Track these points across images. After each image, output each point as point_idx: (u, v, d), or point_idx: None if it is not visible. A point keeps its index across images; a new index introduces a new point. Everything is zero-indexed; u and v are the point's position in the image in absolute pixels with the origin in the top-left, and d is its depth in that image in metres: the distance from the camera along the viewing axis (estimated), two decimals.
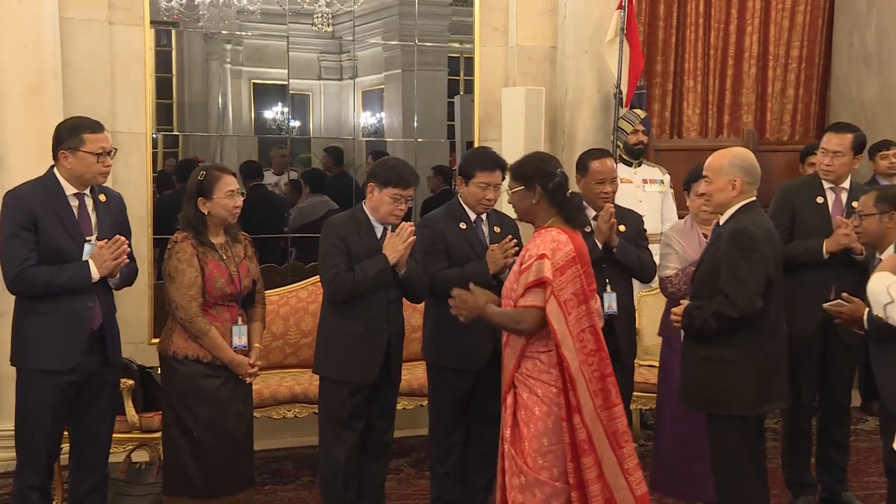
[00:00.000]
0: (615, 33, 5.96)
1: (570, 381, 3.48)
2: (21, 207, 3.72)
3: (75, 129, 3.78)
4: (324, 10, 5.98)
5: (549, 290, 3.45)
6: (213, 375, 3.95)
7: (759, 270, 3.65)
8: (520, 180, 3.64)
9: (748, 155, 3.86)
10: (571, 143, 6.24)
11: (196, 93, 6.06)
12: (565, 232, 3.55)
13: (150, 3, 5.59)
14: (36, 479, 3.86)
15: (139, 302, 5.59)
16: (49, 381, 3.76)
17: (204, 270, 3.91)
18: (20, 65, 4.98)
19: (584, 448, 3.48)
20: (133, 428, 4.65)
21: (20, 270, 3.68)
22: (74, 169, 3.77)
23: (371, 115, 6.48)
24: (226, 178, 3.95)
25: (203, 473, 3.95)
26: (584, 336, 3.51)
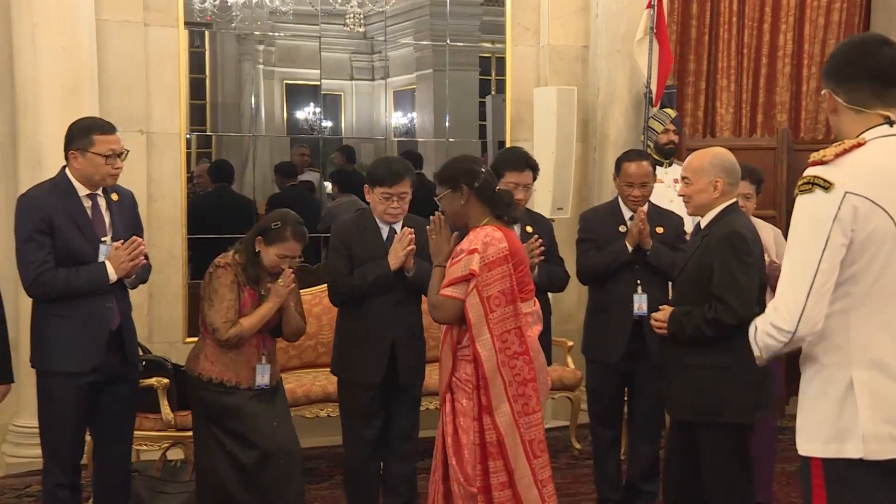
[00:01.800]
0: (644, 32, 5.94)
1: (483, 379, 3.40)
2: (36, 210, 3.71)
3: (86, 130, 3.76)
4: (355, 11, 6.00)
5: (473, 283, 3.38)
6: (237, 394, 3.96)
7: (753, 275, 3.56)
8: (445, 183, 3.57)
9: (728, 155, 3.78)
10: (603, 143, 6.22)
11: (229, 93, 6.10)
12: (501, 230, 3.48)
13: (185, 5, 5.63)
14: (64, 477, 3.87)
15: (174, 301, 5.64)
16: (71, 382, 3.77)
17: (239, 298, 3.94)
18: (57, 66, 5.03)
19: (491, 451, 3.40)
20: (168, 426, 4.70)
21: (38, 275, 3.68)
22: (84, 170, 3.76)
23: (402, 116, 6.50)
24: (291, 244, 3.93)
25: (239, 489, 3.94)
26: (508, 337, 3.42)
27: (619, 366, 4.46)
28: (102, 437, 3.97)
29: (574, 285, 4.77)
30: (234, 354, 3.95)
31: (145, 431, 4.69)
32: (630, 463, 4.65)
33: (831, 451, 2.39)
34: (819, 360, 2.44)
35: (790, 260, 2.43)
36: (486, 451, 3.40)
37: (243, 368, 3.96)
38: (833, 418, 2.39)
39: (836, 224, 2.33)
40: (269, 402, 4.03)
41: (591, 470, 4.81)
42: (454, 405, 3.48)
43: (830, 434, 2.39)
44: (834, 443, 2.38)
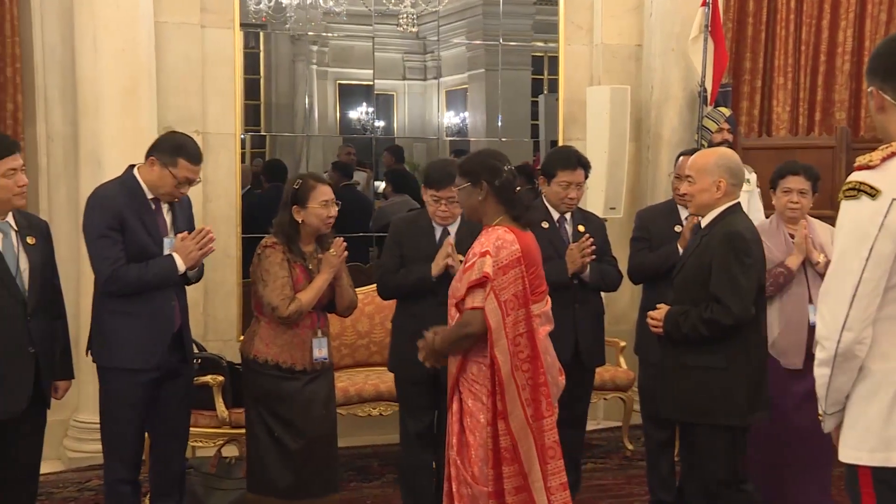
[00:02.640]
0: (699, 30, 5.89)
1: (499, 385, 3.35)
2: (108, 209, 3.76)
3: (177, 149, 3.80)
4: (409, 11, 6.02)
5: (489, 287, 3.33)
6: (293, 379, 3.99)
7: (752, 276, 3.52)
8: (465, 177, 3.51)
9: (733, 156, 3.73)
10: (657, 142, 6.18)
11: (283, 94, 6.16)
12: (513, 231, 3.42)
13: (240, 7, 5.70)
14: (125, 472, 3.94)
15: (228, 300, 5.71)
16: (133, 379, 3.83)
17: (292, 276, 3.96)
18: (117, 68, 5.12)
19: (505, 456, 3.36)
20: (223, 423, 4.77)
21: (113, 271, 3.73)
22: (155, 180, 3.81)
23: (455, 115, 6.51)
24: (321, 187, 3.97)
25: (285, 474, 3.99)
26: (521, 340, 3.37)
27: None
28: (159, 432, 4.03)
29: (627, 285, 4.74)
30: (290, 336, 3.97)
31: (201, 428, 4.75)
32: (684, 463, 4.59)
33: (878, 459, 2.34)
34: (866, 366, 2.39)
35: (833, 268, 2.39)
36: (499, 456, 3.36)
37: (298, 349, 3.98)
38: (879, 426, 2.35)
39: (882, 232, 2.29)
40: (322, 385, 4.04)
41: (643, 471, 4.78)
42: (461, 405, 3.45)
43: (877, 442, 2.35)
44: (881, 451, 2.34)
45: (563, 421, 4.31)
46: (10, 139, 3.72)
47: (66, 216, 5.39)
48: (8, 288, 3.51)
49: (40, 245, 3.67)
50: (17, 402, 3.54)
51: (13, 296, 3.52)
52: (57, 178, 5.47)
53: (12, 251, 3.56)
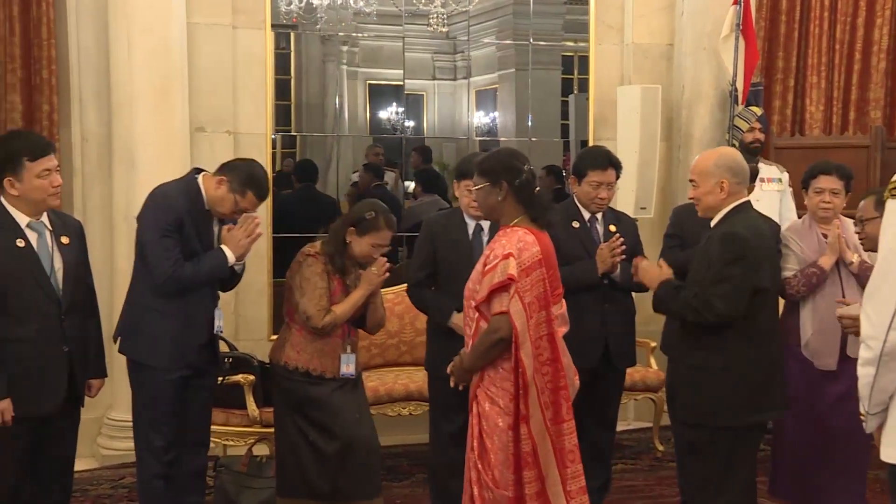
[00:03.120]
0: (730, 29, 5.86)
1: (523, 388, 3.31)
2: (171, 209, 3.80)
3: (249, 183, 3.83)
4: (439, 11, 6.02)
5: (514, 289, 3.28)
6: (321, 384, 4.02)
7: (744, 277, 3.46)
8: (485, 176, 3.47)
9: (734, 154, 3.71)
10: (688, 142, 6.14)
11: (313, 94, 6.20)
12: (532, 232, 3.38)
13: (271, 7, 5.72)
14: (158, 467, 3.97)
15: (259, 300, 5.74)
16: (166, 376, 3.87)
17: (330, 287, 4.00)
18: (150, 69, 5.16)
19: (527, 461, 3.33)
20: (253, 422, 4.79)
21: (174, 271, 3.76)
22: (217, 198, 3.85)
23: (484, 115, 6.51)
24: (384, 232, 4.00)
25: (321, 476, 4.01)
26: (541, 344, 3.35)
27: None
28: (184, 428, 4.05)
29: None
30: (321, 344, 4.01)
31: (232, 427, 4.79)
32: None
33: None
34: None
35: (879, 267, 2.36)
36: (520, 460, 3.33)
37: (328, 358, 4.02)
38: None
39: None
40: (352, 393, 4.09)
41: (674, 472, 4.71)
42: (479, 409, 3.41)
43: None
44: None
45: (593, 422, 4.35)
46: (45, 140, 3.76)
47: (99, 216, 5.45)
48: (42, 287, 3.54)
49: (74, 245, 3.70)
50: (51, 401, 3.58)
51: (48, 295, 3.55)
52: (91, 179, 5.52)
53: (47, 251, 3.59)
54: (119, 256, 5.25)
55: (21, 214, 3.54)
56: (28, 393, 3.51)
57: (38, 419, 3.55)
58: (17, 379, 3.48)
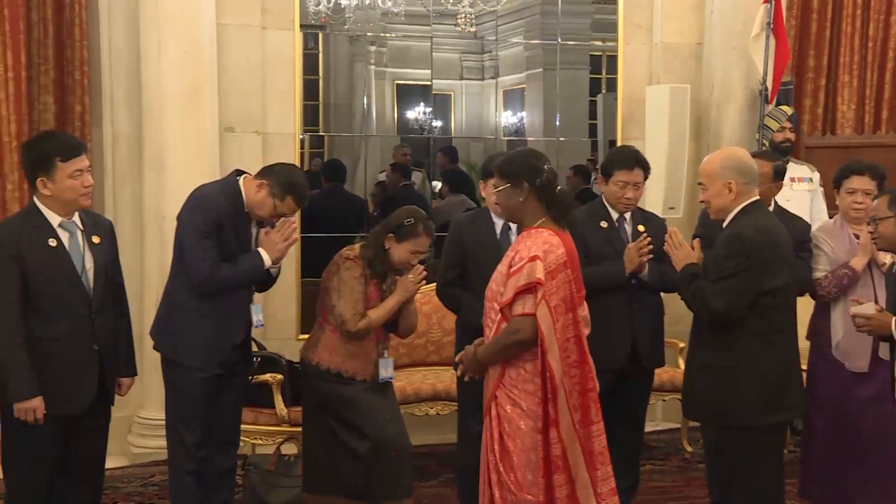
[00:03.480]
0: (761, 28, 5.83)
1: (551, 392, 3.27)
2: (212, 210, 3.83)
3: (290, 188, 3.85)
4: (467, 11, 6.03)
5: (541, 293, 3.25)
6: (349, 384, 4.05)
7: (747, 280, 3.43)
8: (506, 177, 3.44)
9: (740, 154, 3.68)
10: (717, 142, 6.10)
11: (341, 94, 6.22)
12: (557, 234, 3.35)
13: (300, 8, 5.74)
14: (190, 463, 4.00)
15: (287, 299, 5.75)
16: (198, 374, 3.91)
17: (366, 291, 4.03)
18: (180, 70, 5.20)
19: (557, 464, 3.29)
20: (282, 421, 4.81)
21: (211, 271, 3.80)
22: (257, 202, 3.87)
23: (512, 115, 6.51)
24: (422, 239, 4.03)
25: (351, 475, 4.02)
26: (569, 346, 3.31)
27: None
28: (214, 427, 4.08)
29: None
30: (354, 347, 4.03)
31: (260, 426, 4.82)
32: None
33: None
34: None
35: None
36: (550, 464, 3.30)
37: (361, 360, 4.04)
38: None
39: None
40: (381, 394, 4.11)
41: (702, 473, 4.67)
42: (498, 411, 3.37)
43: None
44: None
45: (621, 422, 4.33)
46: (77, 140, 3.78)
47: (129, 216, 5.49)
48: (74, 286, 3.56)
49: (105, 244, 3.72)
50: (82, 399, 3.60)
51: (79, 294, 3.57)
52: (122, 179, 5.56)
53: (78, 250, 3.61)
54: (148, 256, 5.30)
55: (53, 214, 3.56)
56: (59, 391, 3.53)
57: (69, 417, 3.58)
58: (48, 377, 3.51)
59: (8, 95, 5.33)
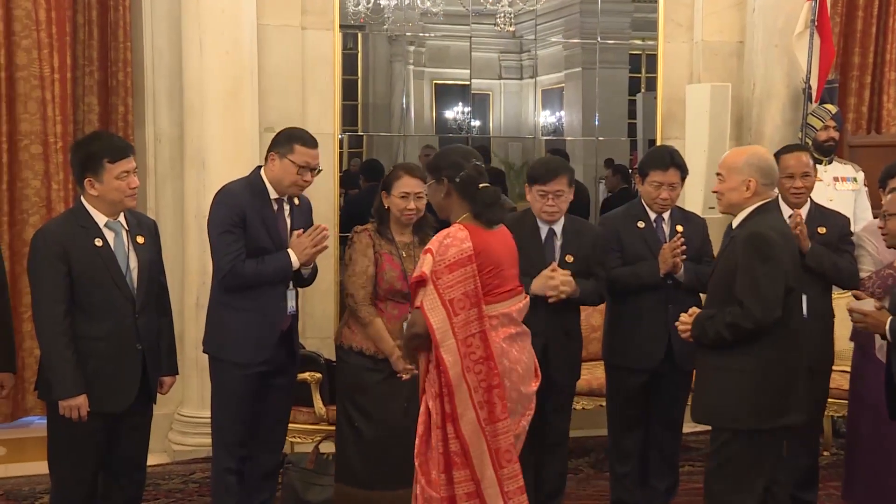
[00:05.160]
0: (805, 25, 5.77)
1: (446, 387, 3.24)
2: (233, 206, 3.89)
3: (290, 137, 3.94)
4: (506, 10, 6.02)
5: (430, 286, 3.22)
6: (376, 370, 4.07)
7: (777, 278, 3.40)
8: (431, 173, 3.49)
9: (766, 155, 3.63)
10: (759, 140, 6.04)
11: (380, 94, 6.23)
12: (470, 228, 3.31)
13: (340, 8, 5.76)
14: (231, 462, 4.05)
15: (325, 298, 5.79)
16: (241, 372, 3.95)
17: (377, 263, 4.04)
18: (221, 70, 5.24)
19: (455, 461, 3.27)
20: (320, 420, 4.85)
21: (233, 266, 3.85)
22: (276, 173, 3.93)
23: (550, 114, 6.48)
24: (405, 178, 4.05)
25: (364, 464, 4.07)
26: (473, 341, 3.26)
27: None
28: (259, 426, 4.12)
29: None
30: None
31: (299, 424, 4.84)
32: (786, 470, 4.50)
33: None
34: None
35: None
36: (450, 460, 3.28)
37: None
38: None
39: None
40: (403, 382, 4.08)
41: None
42: (426, 405, 3.36)
43: None
44: None
45: (658, 423, 4.31)
46: (126, 142, 3.82)
47: (171, 215, 5.55)
48: (118, 286, 3.60)
49: (149, 244, 3.76)
50: (124, 397, 3.64)
51: (123, 294, 3.61)
52: (164, 179, 5.62)
53: (123, 250, 3.65)
54: (189, 256, 5.36)
55: (99, 214, 3.60)
56: (102, 389, 3.56)
57: (111, 415, 3.62)
58: (92, 375, 3.54)
59: (54, 96, 5.43)
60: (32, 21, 5.39)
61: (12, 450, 5.44)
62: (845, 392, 4.74)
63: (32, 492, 4.83)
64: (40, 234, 3.64)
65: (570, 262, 4.13)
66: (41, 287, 3.56)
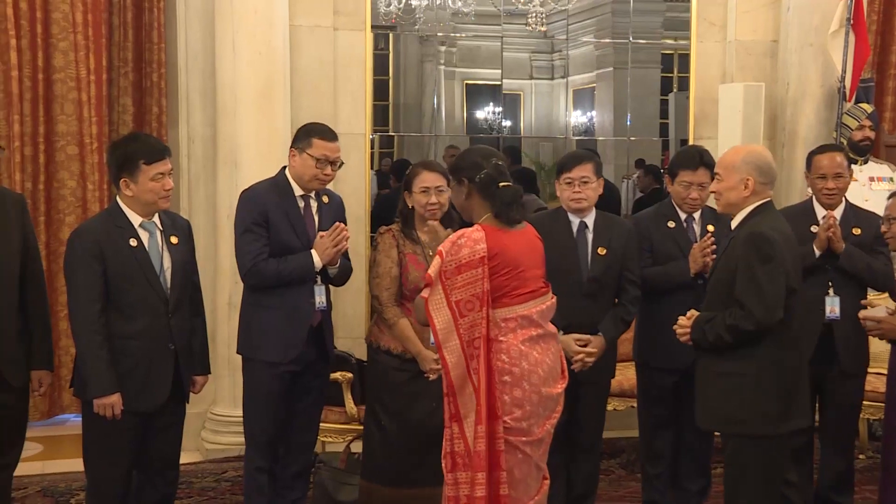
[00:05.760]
0: (840, 24, 5.72)
1: (448, 387, 3.25)
2: (255, 205, 3.94)
3: (308, 132, 3.97)
4: (538, 10, 6.02)
5: (439, 287, 3.22)
6: (403, 369, 4.08)
7: (778, 279, 3.36)
8: (452, 175, 3.49)
9: (764, 153, 3.59)
10: (792, 140, 6.01)
11: (411, 94, 6.25)
12: (488, 229, 3.29)
13: (371, 9, 5.79)
14: (263, 461, 4.08)
15: (357, 298, 5.81)
16: (272, 371, 3.98)
17: (402, 263, 4.05)
18: (254, 71, 5.28)
19: (456, 461, 3.27)
20: (351, 419, 4.88)
21: (253, 264, 3.90)
22: (297, 168, 3.97)
23: (582, 114, 6.47)
24: (424, 174, 4.05)
25: (389, 462, 4.08)
26: (479, 344, 3.25)
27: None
28: (292, 424, 4.15)
29: None
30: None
31: (330, 424, 4.88)
32: (822, 472, 4.50)
33: None
34: None
35: None
36: (454, 461, 3.28)
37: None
38: None
39: None
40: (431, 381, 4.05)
41: None
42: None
43: None
44: None
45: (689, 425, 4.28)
46: (162, 144, 3.85)
47: (204, 215, 5.60)
48: (152, 286, 3.63)
49: (182, 244, 3.79)
50: (158, 396, 3.67)
51: (156, 293, 3.64)
52: (197, 179, 5.67)
53: (157, 250, 3.68)
54: (222, 255, 5.39)
55: (134, 214, 3.64)
56: (136, 388, 3.61)
57: (145, 413, 3.66)
58: (125, 374, 3.59)
59: (90, 98, 5.51)
60: (69, 24, 5.48)
61: (49, 447, 5.50)
62: (881, 395, 4.68)
63: (69, 489, 4.90)
64: (76, 233, 3.69)
65: (603, 254, 4.13)
66: (77, 286, 3.60)
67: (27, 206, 3.93)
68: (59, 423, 5.74)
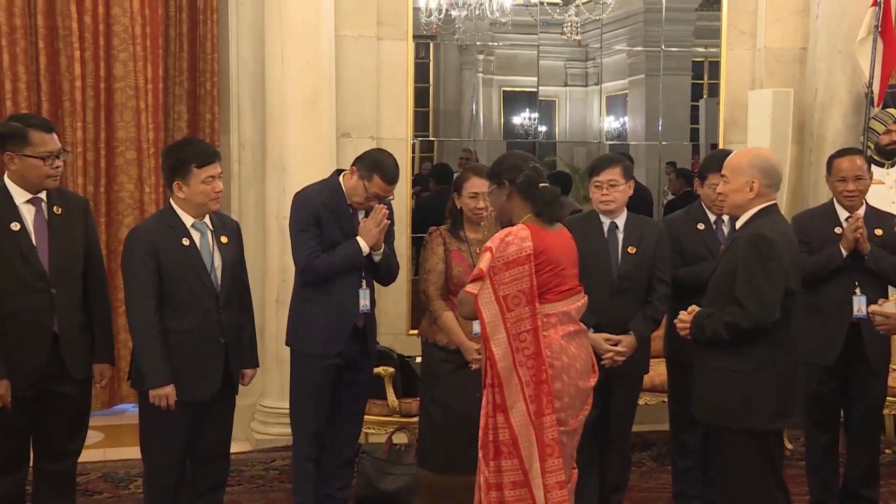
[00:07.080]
0: (868, 31, 5.80)
1: (495, 378, 3.35)
2: (308, 206, 4.12)
3: (374, 166, 4.08)
4: (573, 20, 6.13)
5: (488, 281, 3.32)
6: (448, 360, 4.22)
7: (777, 280, 3.40)
8: (491, 179, 3.60)
9: (770, 156, 3.63)
10: (820, 145, 6.09)
11: (450, 101, 6.41)
12: (531, 228, 3.40)
13: (413, 19, 5.97)
14: (310, 450, 4.24)
15: (398, 296, 5.97)
16: (318, 363, 4.15)
17: (447, 259, 4.22)
18: (301, 79, 5.45)
19: (501, 450, 3.36)
20: (393, 412, 5.03)
21: (309, 261, 4.08)
22: (350, 188, 4.14)
23: (615, 120, 6.60)
24: (473, 179, 4.19)
25: (437, 450, 4.23)
26: (526, 337, 3.35)
27: (834, 369, 4.36)
28: (337, 416, 4.30)
29: None
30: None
31: (373, 416, 5.02)
32: (848, 468, 4.55)
33: None
34: None
35: None
36: (499, 449, 3.37)
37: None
38: None
39: None
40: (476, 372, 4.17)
41: (802, 471, 4.70)
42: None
43: None
44: None
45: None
46: (213, 149, 3.99)
47: (253, 217, 5.77)
48: (203, 283, 3.77)
49: (232, 244, 3.92)
50: (209, 387, 3.81)
51: (208, 290, 3.77)
52: (247, 183, 5.84)
53: (208, 249, 3.82)
54: (270, 255, 5.57)
55: (187, 215, 3.79)
56: (188, 380, 3.74)
57: (197, 404, 3.78)
58: (179, 367, 3.71)
59: (147, 105, 5.71)
60: (129, 36, 5.68)
61: (109, 435, 5.70)
62: None
63: (128, 475, 5.10)
64: (133, 233, 3.85)
65: (633, 253, 4.22)
66: (134, 283, 3.74)
67: (91, 209, 4.07)
68: (118, 412, 5.93)
